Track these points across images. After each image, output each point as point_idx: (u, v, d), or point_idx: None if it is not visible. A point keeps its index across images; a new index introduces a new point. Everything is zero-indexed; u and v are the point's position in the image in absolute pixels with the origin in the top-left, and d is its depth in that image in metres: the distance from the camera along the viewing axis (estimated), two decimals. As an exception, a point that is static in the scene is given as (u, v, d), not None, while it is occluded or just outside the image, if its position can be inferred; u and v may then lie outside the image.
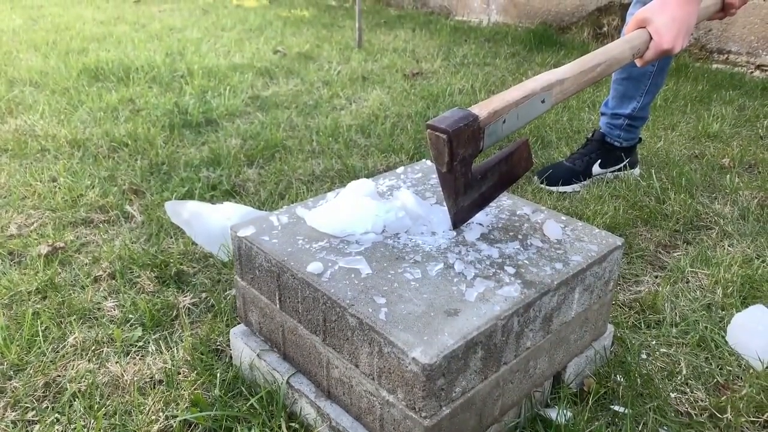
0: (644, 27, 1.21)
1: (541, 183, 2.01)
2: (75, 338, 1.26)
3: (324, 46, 4.00)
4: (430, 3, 5.50)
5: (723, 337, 1.31)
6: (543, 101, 1.05)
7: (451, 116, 0.97)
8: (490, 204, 1.22)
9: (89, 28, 4.31)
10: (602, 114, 2.08)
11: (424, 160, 1.45)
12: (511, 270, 1.00)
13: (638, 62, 1.23)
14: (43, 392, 1.14)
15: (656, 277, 1.55)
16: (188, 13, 5.13)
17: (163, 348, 1.25)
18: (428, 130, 0.98)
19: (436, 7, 5.44)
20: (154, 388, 1.15)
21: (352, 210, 1.10)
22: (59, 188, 1.90)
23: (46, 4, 5.39)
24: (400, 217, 1.09)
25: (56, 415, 1.08)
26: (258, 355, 1.12)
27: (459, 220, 1.08)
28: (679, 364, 1.24)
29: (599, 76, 1.13)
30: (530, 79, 1.09)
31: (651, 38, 1.20)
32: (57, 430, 1.05)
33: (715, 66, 3.67)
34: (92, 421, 1.07)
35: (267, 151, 2.23)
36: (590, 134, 2.12)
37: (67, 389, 1.13)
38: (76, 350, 1.24)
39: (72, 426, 1.06)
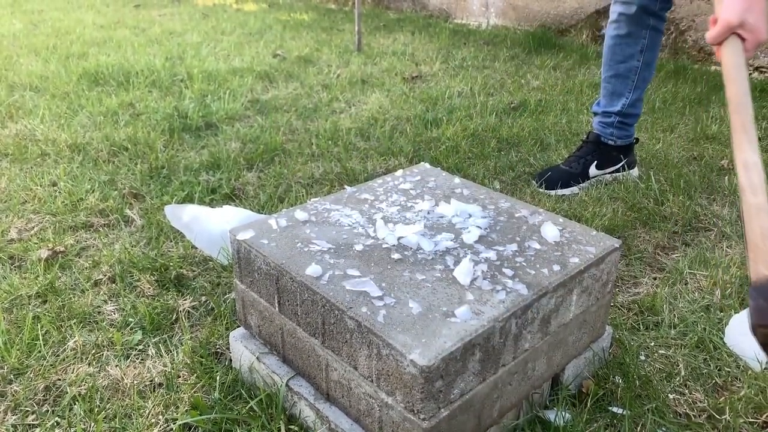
0: (735, 32, 1.13)
1: (539, 187, 2.01)
2: (75, 342, 1.27)
3: (323, 49, 4.00)
4: (429, 6, 5.51)
5: (721, 338, 1.31)
6: None
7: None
8: (488, 207, 1.23)
9: (89, 33, 4.32)
10: (594, 114, 2.09)
11: (422, 162, 1.45)
12: (509, 272, 1.01)
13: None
14: (44, 396, 1.14)
15: (655, 278, 1.55)
16: (188, 17, 5.14)
17: (162, 351, 1.25)
18: (759, 329, 0.82)
19: (435, 11, 5.45)
20: (154, 391, 1.15)
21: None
22: (59, 192, 1.91)
23: (46, 9, 5.41)
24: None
25: (56, 418, 1.09)
26: (257, 358, 1.12)
27: None
28: (678, 366, 1.24)
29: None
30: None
31: (744, 40, 1.13)
32: (57, 433, 1.06)
33: (713, 68, 3.68)
34: (92, 424, 1.07)
35: (266, 155, 2.24)
36: (585, 136, 2.12)
37: (67, 393, 1.14)
38: (76, 354, 1.24)
39: (72, 429, 1.06)
